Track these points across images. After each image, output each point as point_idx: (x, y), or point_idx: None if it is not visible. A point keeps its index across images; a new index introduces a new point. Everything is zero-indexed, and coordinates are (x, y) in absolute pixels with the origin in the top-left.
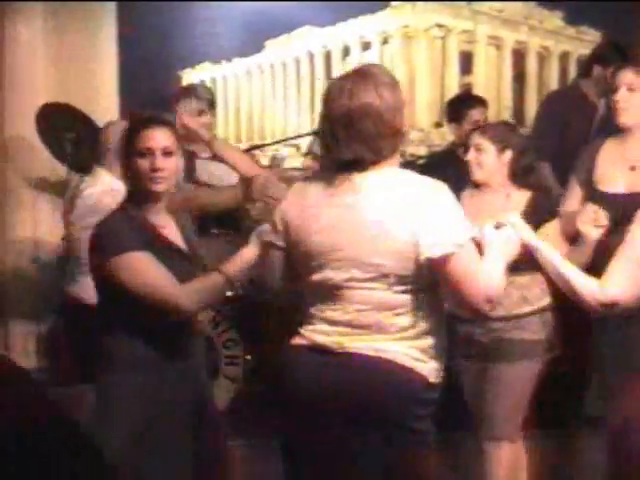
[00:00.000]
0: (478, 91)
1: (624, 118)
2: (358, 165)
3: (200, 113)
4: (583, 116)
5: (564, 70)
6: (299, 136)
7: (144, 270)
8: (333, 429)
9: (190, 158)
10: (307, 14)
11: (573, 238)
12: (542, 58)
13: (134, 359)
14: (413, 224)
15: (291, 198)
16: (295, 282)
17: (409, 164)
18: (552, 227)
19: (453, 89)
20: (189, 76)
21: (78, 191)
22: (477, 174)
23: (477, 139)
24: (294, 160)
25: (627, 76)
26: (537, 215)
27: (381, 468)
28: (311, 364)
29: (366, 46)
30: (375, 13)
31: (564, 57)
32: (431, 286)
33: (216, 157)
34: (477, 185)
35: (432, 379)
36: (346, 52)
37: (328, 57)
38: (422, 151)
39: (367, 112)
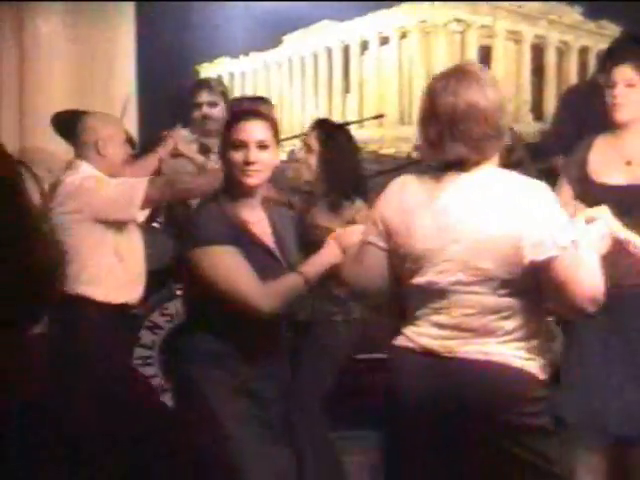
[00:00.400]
0: None
1: (621, 114)
2: (461, 165)
3: (212, 105)
4: (602, 110)
5: (583, 65)
6: None
7: (227, 265)
8: (443, 432)
9: (205, 152)
10: (325, 9)
11: None
12: (561, 53)
13: (219, 354)
14: (517, 226)
15: (390, 198)
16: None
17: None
18: None
19: None
20: (207, 71)
21: (59, 181)
22: None
23: None
24: None
25: (626, 72)
26: None
27: (495, 468)
28: (418, 367)
29: (384, 41)
30: (393, 8)
31: (583, 52)
32: (534, 288)
33: None
34: None
35: (542, 376)
36: (364, 47)
37: (346, 52)
38: None
39: (473, 112)
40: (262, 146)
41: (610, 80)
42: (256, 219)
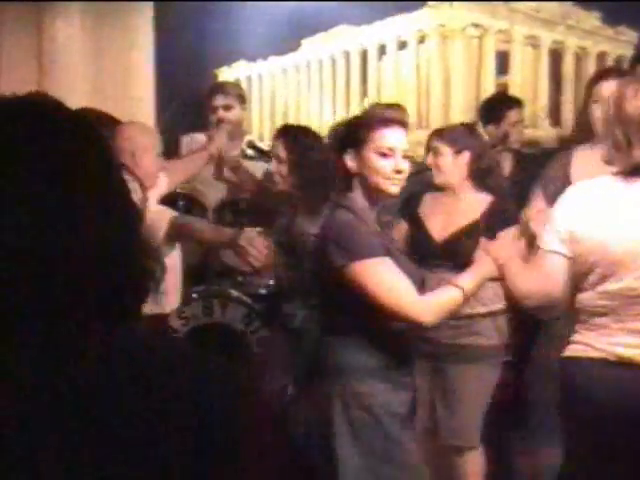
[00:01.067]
0: (514, 91)
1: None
2: None
3: (228, 108)
4: None
5: None
6: None
7: (388, 278)
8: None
9: (219, 157)
10: (344, 13)
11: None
12: (579, 58)
13: (366, 368)
14: None
15: (573, 204)
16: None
17: None
18: (510, 233)
19: (489, 89)
20: (225, 75)
21: None
22: (436, 177)
23: (434, 142)
24: None
25: (613, 88)
26: (496, 219)
27: None
28: (613, 378)
29: (402, 45)
30: (412, 12)
31: (601, 57)
32: None
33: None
34: (439, 188)
35: None
36: (382, 51)
37: (364, 56)
38: None
39: None
40: (405, 156)
41: (592, 95)
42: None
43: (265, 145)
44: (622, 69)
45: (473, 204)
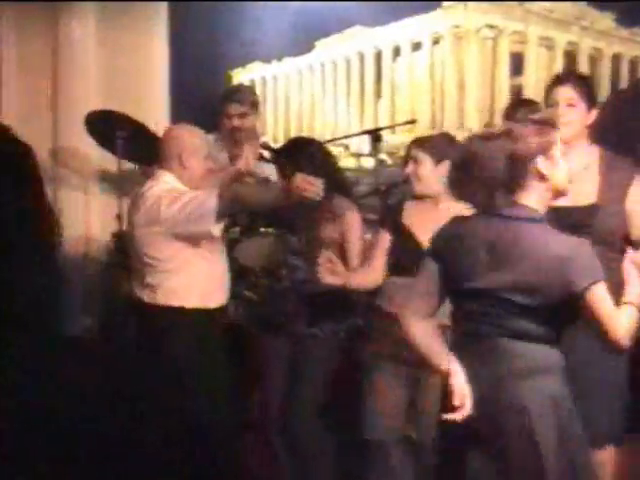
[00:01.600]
0: (529, 92)
1: (564, 133)
2: None
3: (243, 116)
4: None
5: (616, 72)
6: (348, 136)
7: (608, 299)
8: None
9: (233, 160)
10: (358, 14)
11: None
12: (594, 60)
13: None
14: None
15: None
16: None
17: None
18: None
19: (503, 90)
20: (239, 75)
21: (140, 193)
22: (415, 186)
23: (414, 151)
24: (343, 160)
25: (567, 92)
26: None
27: None
28: None
29: (417, 46)
30: (426, 13)
31: (616, 59)
32: None
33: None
34: (419, 197)
35: None
36: (397, 52)
37: (378, 57)
38: None
39: None
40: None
41: (550, 99)
42: None
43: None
44: (578, 75)
45: (454, 213)
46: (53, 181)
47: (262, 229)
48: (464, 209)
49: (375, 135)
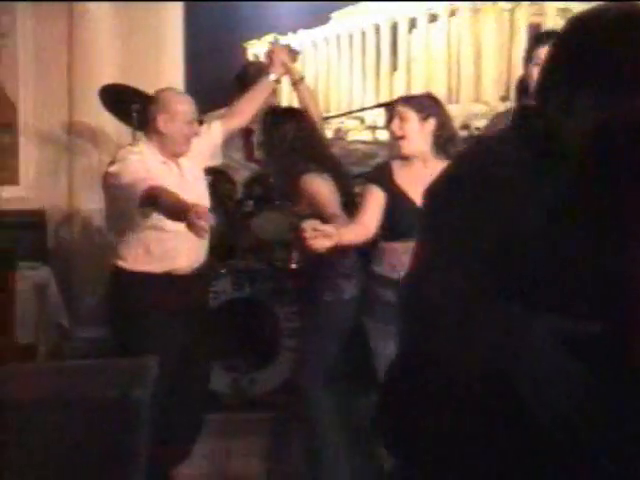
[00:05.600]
0: None
1: None
2: None
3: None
4: None
5: None
6: (364, 109)
7: None
8: None
9: (249, 135)
10: None
11: None
12: None
13: None
14: None
15: None
16: None
17: (475, 138)
18: None
19: (520, 63)
20: (254, 48)
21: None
22: (402, 143)
23: (400, 108)
24: (358, 133)
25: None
26: None
27: None
28: None
29: (433, 18)
30: None
31: None
32: None
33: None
34: (404, 157)
35: None
36: (412, 24)
37: (394, 29)
38: None
39: None
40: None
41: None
42: None
43: None
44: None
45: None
46: (68, 156)
47: (277, 202)
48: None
49: (391, 108)
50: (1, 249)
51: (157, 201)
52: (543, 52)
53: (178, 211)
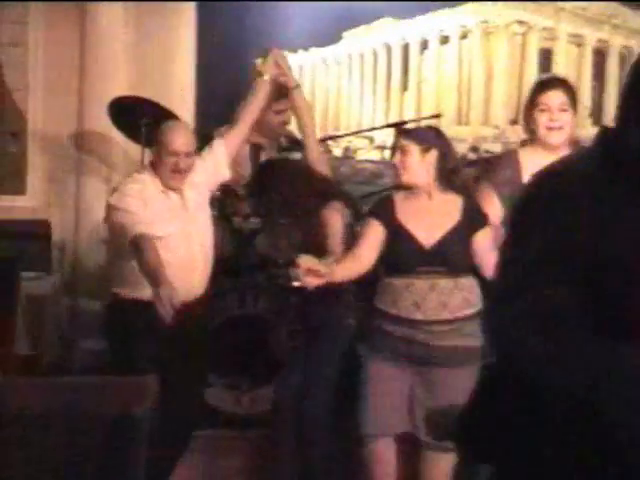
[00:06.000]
0: None
1: (557, 138)
2: None
3: (279, 113)
4: None
5: None
6: (373, 129)
7: None
8: None
9: (256, 150)
10: (386, 6)
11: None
12: (623, 58)
13: None
14: None
15: None
16: None
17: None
18: (485, 233)
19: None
20: None
21: None
22: (403, 176)
23: (401, 141)
24: (367, 152)
25: (559, 97)
26: (472, 219)
27: None
28: None
29: (445, 40)
30: (455, 7)
31: None
32: None
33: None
34: (407, 188)
35: None
36: (424, 45)
37: (406, 50)
38: (497, 148)
39: None
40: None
41: (538, 103)
42: None
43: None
44: (565, 79)
45: (447, 205)
46: (77, 166)
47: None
48: (454, 199)
49: (400, 128)
50: (4, 258)
51: (138, 256)
52: (548, 98)
53: (151, 279)
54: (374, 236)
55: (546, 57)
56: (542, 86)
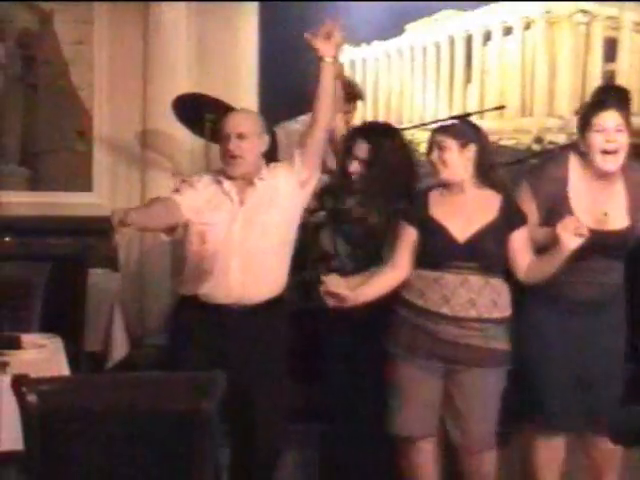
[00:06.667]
0: (621, 79)
1: (613, 163)
2: None
3: (347, 113)
4: None
5: None
6: (437, 121)
7: None
8: None
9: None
10: None
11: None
12: None
13: None
14: None
15: None
16: None
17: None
18: (522, 233)
19: (595, 76)
20: None
21: None
22: (442, 173)
23: (439, 137)
24: None
25: (616, 118)
26: (510, 216)
27: None
28: None
29: (508, 31)
30: None
31: None
32: None
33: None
34: (444, 185)
35: None
36: (487, 37)
37: (469, 42)
38: (561, 139)
39: None
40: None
41: (591, 124)
42: None
43: None
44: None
45: (484, 201)
46: (141, 163)
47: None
48: (491, 196)
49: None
50: (72, 255)
51: None
52: (603, 119)
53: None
54: (408, 240)
55: (610, 46)
56: (596, 107)
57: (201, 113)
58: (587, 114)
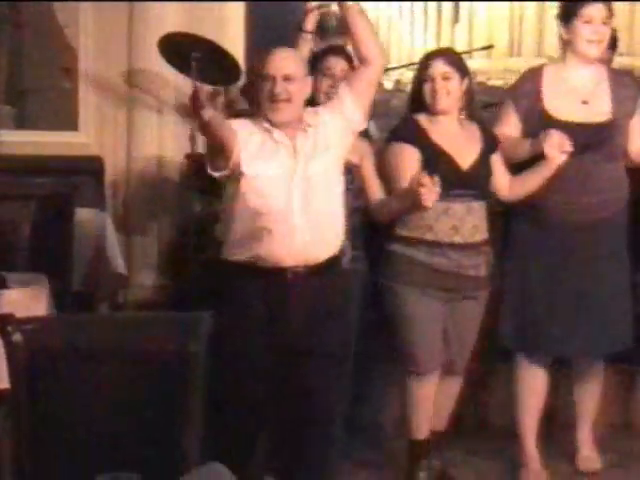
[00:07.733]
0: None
1: (597, 49)
2: None
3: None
4: None
5: None
6: None
7: None
8: None
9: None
10: None
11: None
12: None
13: None
14: None
15: None
16: None
17: None
18: (499, 155)
19: None
20: None
21: None
22: (444, 102)
23: (444, 68)
24: None
25: (601, 10)
26: (488, 146)
27: None
28: None
29: None
30: None
31: None
32: None
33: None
34: (443, 113)
35: None
36: None
37: None
38: None
39: None
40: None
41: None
42: None
43: None
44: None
45: (472, 132)
46: (128, 102)
47: None
48: (472, 125)
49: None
50: (58, 194)
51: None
52: (592, 10)
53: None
54: (412, 162)
55: None
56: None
57: (187, 52)
58: (574, 3)
